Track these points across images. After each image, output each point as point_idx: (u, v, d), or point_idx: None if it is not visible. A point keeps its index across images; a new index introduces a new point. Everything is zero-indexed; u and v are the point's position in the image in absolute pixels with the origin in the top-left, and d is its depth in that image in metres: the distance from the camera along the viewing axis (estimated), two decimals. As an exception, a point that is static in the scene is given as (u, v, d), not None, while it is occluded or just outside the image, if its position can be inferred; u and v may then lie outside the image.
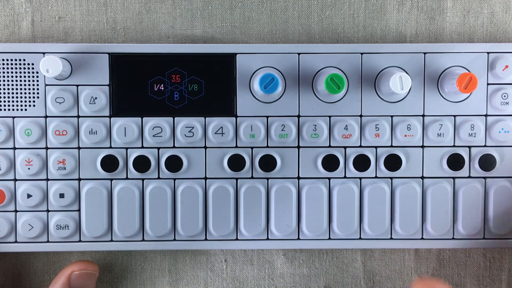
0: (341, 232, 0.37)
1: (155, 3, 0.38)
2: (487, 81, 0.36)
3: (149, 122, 0.36)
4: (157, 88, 0.36)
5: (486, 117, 0.36)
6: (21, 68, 0.35)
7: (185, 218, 0.36)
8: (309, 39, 0.38)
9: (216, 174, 0.36)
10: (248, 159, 0.36)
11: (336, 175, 0.36)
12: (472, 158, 0.36)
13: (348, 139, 0.36)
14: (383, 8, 0.38)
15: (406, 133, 0.36)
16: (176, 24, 0.38)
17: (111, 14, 0.38)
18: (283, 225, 0.36)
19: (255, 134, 0.36)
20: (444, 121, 0.36)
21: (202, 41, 0.38)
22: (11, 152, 0.36)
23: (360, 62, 0.36)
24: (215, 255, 0.39)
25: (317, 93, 0.36)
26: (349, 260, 0.39)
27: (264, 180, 0.36)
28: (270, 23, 0.38)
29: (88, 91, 0.36)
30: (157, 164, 0.36)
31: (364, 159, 0.36)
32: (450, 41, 0.38)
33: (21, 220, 0.36)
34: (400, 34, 0.38)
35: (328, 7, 0.38)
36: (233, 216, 0.36)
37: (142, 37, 0.38)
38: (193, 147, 0.36)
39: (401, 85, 0.34)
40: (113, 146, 0.36)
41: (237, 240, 0.37)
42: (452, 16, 0.38)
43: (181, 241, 0.37)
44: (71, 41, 0.38)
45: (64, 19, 0.38)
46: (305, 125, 0.36)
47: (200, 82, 0.36)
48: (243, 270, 0.39)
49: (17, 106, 0.36)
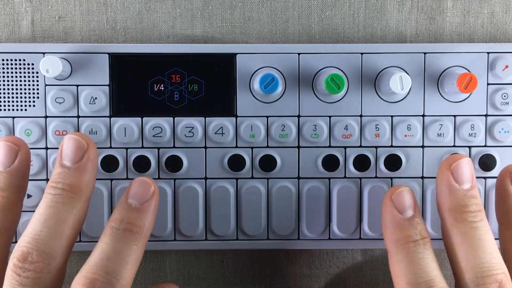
0: (341, 232, 0.37)
1: (155, 3, 0.38)
2: (487, 81, 0.36)
3: (149, 122, 0.36)
4: (157, 88, 0.36)
5: (486, 117, 0.36)
6: (21, 68, 0.35)
7: (185, 218, 0.36)
8: (309, 39, 0.38)
9: (216, 174, 0.36)
10: (248, 159, 0.36)
11: (336, 175, 0.36)
12: (472, 158, 0.36)
13: (348, 139, 0.36)
14: (383, 8, 0.38)
15: (406, 133, 0.36)
16: (176, 24, 0.38)
17: (111, 14, 0.38)
18: (283, 225, 0.36)
19: (255, 134, 0.36)
20: (444, 121, 0.36)
21: (202, 41, 0.38)
22: (11, 152, 0.36)
23: (360, 62, 0.36)
24: (215, 255, 0.39)
25: (317, 93, 0.36)
26: (349, 260, 0.39)
27: (264, 180, 0.36)
28: (270, 23, 0.38)
29: (88, 91, 0.36)
30: (157, 164, 0.36)
31: (364, 159, 0.36)
32: (450, 41, 0.38)
33: (22, 220, 0.36)
34: (400, 34, 0.38)
35: (328, 7, 0.38)
36: (233, 216, 0.36)
37: (142, 37, 0.38)
38: (193, 147, 0.36)
39: (401, 85, 0.34)
40: (113, 146, 0.36)
41: (237, 240, 0.37)
42: (452, 16, 0.38)
43: (181, 241, 0.37)
44: (71, 41, 0.38)
45: (64, 18, 0.38)
46: (305, 125, 0.36)
47: (200, 82, 0.36)
48: (243, 270, 0.39)
49: (17, 106, 0.36)
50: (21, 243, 0.29)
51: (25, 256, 0.28)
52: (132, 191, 0.31)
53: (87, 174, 0.31)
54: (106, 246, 0.29)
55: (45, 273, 0.28)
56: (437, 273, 0.30)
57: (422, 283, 0.29)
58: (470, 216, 0.30)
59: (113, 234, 0.29)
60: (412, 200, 0.31)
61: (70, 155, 0.31)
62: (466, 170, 0.31)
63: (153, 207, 0.31)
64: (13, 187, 0.31)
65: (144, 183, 0.31)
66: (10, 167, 0.31)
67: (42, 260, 0.28)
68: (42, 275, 0.28)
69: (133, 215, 0.30)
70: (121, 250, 0.29)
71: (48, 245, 0.29)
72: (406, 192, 0.32)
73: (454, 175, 0.31)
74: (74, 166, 0.31)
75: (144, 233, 0.30)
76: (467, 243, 0.30)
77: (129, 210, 0.30)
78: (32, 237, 0.29)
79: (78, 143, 0.31)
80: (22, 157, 0.32)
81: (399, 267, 0.30)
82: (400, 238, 0.30)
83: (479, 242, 0.30)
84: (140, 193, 0.31)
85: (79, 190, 0.30)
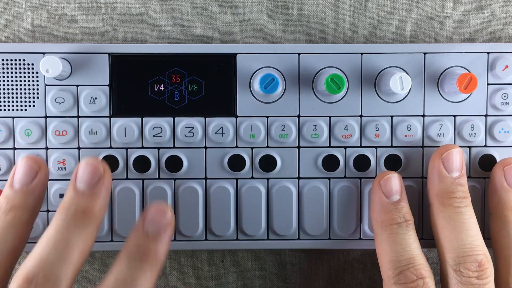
0: (341, 232, 0.37)
1: (155, 3, 0.38)
2: (487, 81, 0.36)
3: (149, 122, 0.36)
4: (157, 88, 0.36)
5: (486, 117, 0.36)
6: (21, 68, 0.35)
7: (185, 218, 0.36)
8: (309, 39, 0.38)
9: (216, 174, 0.36)
10: (248, 159, 0.36)
11: (336, 175, 0.36)
12: (472, 158, 0.36)
13: (348, 139, 0.36)
14: (383, 8, 0.38)
15: (406, 133, 0.36)
16: (176, 24, 0.38)
17: (111, 14, 0.38)
18: (283, 225, 0.36)
19: (255, 134, 0.36)
20: (444, 121, 0.36)
21: (202, 41, 0.38)
22: (11, 153, 0.36)
23: (360, 62, 0.36)
24: (215, 255, 0.39)
25: (317, 93, 0.36)
26: (349, 260, 0.39)
27: (264, 180, 0.36)
28: (270, 23, 0.38)
29: (88, 91, 0.36)
30: (157, 164, 0.36)
31: (364, 159, 0.36)
32: (450, 41, 0.38)
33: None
34: (400, 34, 0.38)
35: (328, 7, 0.38)
36: (233, 216, 0.36)
37: (142, 37, 0.38)
38: (193, 147, 0.36)
39: (401, 85, 0.34)
40: (113, 146, 0.36)
41: (237, 240, 0.37)
42: (452, 16, 0.38)
43: (182, 241, 0.37)
44: (71, 41, 0.38)
45: (64, 19, 0.38)
46: (305, 125, 0.36)
47: (200, 82, 0.36)
48: (243, 270, 0.39)
49: (17, 106, 0.36)
50: (27, 265, 0.28)
51: (30, 279, 0.27)
52: (149, 217, 0.31)
53: (101, 200, 0.30)
54: (122, 273, 0.29)
55: None
56: (418, 252, 0.32)
57: (403, 260, 0.31)
58: (456, 201, 0.33)
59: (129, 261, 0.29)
60: (399, 185, 0.34)
61: (86, 179, 0.30)
62: (456, 159, 0.34)
63: (169, 236, 0.31)
64: (28, 207, 0.31)
65: (160, 210, 0.31)
66: (27, 186, 0.31)
67: (48, 285, 0.27)
68: None
69: (149, 244, 0.30)
70: (136, 278, 0.29)
71: (55, 270, 0.28)
72: (394, 178, 0.34)
73: (445, 163, 0.34)
74: (89, 191, 0.30)
75: (159, 262, 0.30)
76: (451, 226, 0.32)
77: (146, 238, 0.30)
78: (39, 261, 0.28)
79: (95, 168, 0.31)
80: (41, 178, 0.31)
81: (382, 246, 0.33)
82: (385, 220, 0.33)
83: (463, 225, 0.32)
84: (157, 221, 0.31)
85: (91, 215, 0.30)
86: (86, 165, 0.31)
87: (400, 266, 0.31)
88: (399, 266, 0.31)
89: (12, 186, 0.31)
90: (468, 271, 0.31)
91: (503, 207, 0.34)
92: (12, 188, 0.31)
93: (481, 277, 0.31)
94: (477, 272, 0.31)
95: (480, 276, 0.31)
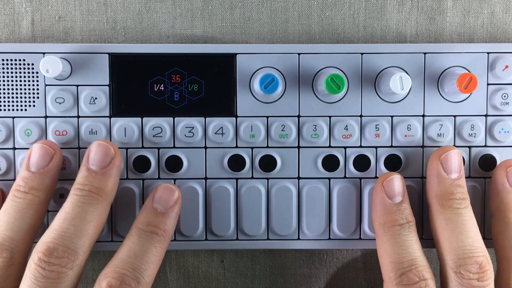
0: (341, 232, 0.37)
1: (155, 2, 0.38)
2: (487, 81, 0.36)
3: (149, 122, 0.36)
4: (157, 88, 0.36)
5: (486, 117, 0.36)
6: (21, 68, 0.35)
7: (185, 218, 0.36)
8: (309, 39, 0.38)
9: (216, 174, 0.36)
10: (248, 159, 0.36)
11: (336, 175, 0.36)
12: (472, 158, 0.36)
13: (348, 139, 0.36)
14: (383, 8, 0.38)
15: (406, 133, 0.36)
16: (176, 24, 0.38)
17: (111, 14, 0.38)
18: (283, 225, 0.36)
19: (255, 134, 0.36)
20: (444, 121, 0.36)
21: (202, 41, 0.38)
22: (11, 152, 0.36)
23: (360, 62, 0.36)
24: (215, 255, 0.39)
25: (317, 93, 0.36)
26: (349, 260, 0.39)
27: (264, 180, 0.36)
28: (270, 23, 0.38)
29: (88, 91, 0.36)
30: (157, 164, 0.36)
31: (364, 159, 0.36)
32: (450, 41, 0.38)
33: None
34: (400, 34, 0.38)
35: (328, 7, 0.38)
36: (233, 216, 0.36)
37: (142, 37, 0.38)
38: (193, 147, 0.36)
39: (401, 85, 0.34)
40: (113, 146, 0.36)
41: (237, 240, 0.37)
42: (452, 16, 0.38)
43: (181, 241, 0.37)
44: (71, 41, 0.38)
45: (64, 19, 0.38)
46: (305, 125, 0.36)
47: (200, 82, 0.36)
48: (243, 270, 0.39)
49: (17, 106, 0.36)
50: (47, 239, 0.30)
51: (51, 250, 0.29)
52: (158, 196, 0.33)
53: (112, 179, 0.33)
54: (133, 245, 0.31)
55: (68, 268, 0.30)
56: (419, 254, 0.32)
57: (405, 262, 0.31)
58: (455, 203, 0.33)
59: (140, 235, 0.32)
60: (402, 187, 0.34)
61: (98, 160, 0.33)
62: (455, 160, 0.34)
63: (176, 213, 0.33)
64: (44, 188, 0.33)
65: (168, 189, 0.33)
66: (44, 168, 0.33)
67: (67, 256, 0.30)
68: (65, 270, 0.30)
69: (158, 219, 0.32)
70: (146, 250, 0.31)
71: (74, 242, 0.30)
72: (396, 179, 0.34)
73: (444, 165, 0.34)
74: (101, 171, 0.33)
75: (167, 236, 0.32)
76: (451, 227, 0.32)
77: (155, 214, 0.32)
78: (58, 234, 0.30)
79: (106, 149, 0.33)
80: (56, 161, 0.34)
81: (384, 247, 0.32)
82: (387, 221, 0.33)
83: (463, 227, 0.32)
84: (165, 199, 0.33)
85: (104, 193, 0.32)
86: (98, 147, 0.33)
87: (402, 267, 0.31)
88: (401, 268, 0.31)
89: (29, 168, 0.33)
90: (468, 273, 0.31)
91: (505, 208, 0.34)
92: (29, 170, 0.33)
93: (481, 279, 0.31)
94: (478, 274, 0.31)
95: (481, 278, 0.31)
